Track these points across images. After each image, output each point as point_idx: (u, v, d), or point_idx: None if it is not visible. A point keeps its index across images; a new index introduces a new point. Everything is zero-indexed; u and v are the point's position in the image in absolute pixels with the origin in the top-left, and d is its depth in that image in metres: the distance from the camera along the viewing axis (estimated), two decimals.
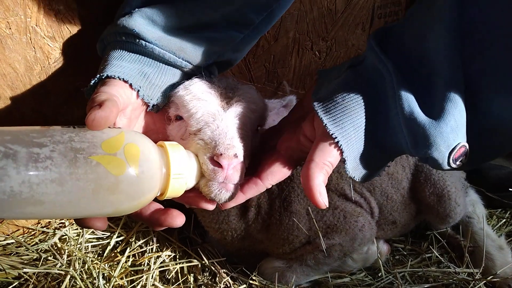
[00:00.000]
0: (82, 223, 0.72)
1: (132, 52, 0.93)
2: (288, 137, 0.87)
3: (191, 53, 0.97)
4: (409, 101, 0.70)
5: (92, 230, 1.44)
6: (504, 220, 1.75)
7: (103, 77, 0.83)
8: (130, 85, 0.84)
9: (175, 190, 0.77)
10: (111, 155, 0.65)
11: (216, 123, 0.84)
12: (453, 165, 0.71)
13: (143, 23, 0.92)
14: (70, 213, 0.66)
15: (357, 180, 0.80)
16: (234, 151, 0.79)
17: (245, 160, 0.84)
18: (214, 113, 0.86)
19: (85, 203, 0.64)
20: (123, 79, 0.83)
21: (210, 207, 0.84)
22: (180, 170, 0.76)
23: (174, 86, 0.95)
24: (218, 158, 0.78)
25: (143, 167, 0.68)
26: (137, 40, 0.91)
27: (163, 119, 0.95)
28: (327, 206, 0.74)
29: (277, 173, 0.85)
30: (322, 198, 0.74)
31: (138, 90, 0.86)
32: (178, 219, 0.78)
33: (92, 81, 0.84)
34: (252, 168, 0.88)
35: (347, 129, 0.73)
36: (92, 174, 0.63)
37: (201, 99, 0.88)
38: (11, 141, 0.59)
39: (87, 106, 0.74)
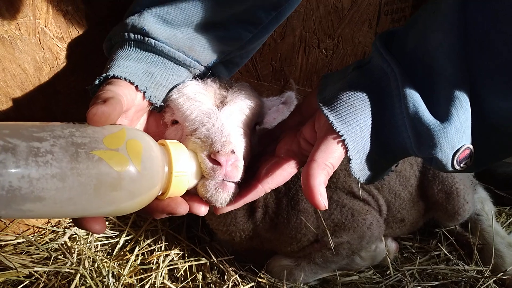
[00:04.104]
0: (80, 223, 0.69)
1: (140, 51, 0.92)
2: (288, 140, 0.87)
3: (201, 52, 0.97)
4: (414, 100, 0.69)
5: None
6: None
7: (109, 76, 0.82)
8: (136, 87, 0.83)
9: (177, 188, 0.75)
10: (113, 150, 0.64)
11: (212, 122, 0.83)
12: (457, 167, 0.70)
13: (153, 21, 0.92)
14: (70, 211, 0.63)
15: (361, 182, 0.79)
16: (231, 147, 0.79)
17: (244, 158, 0.83)
18: (209, 112, 0.86)
19: (85, 200, 0.61)
20: (129, 80, 0.82)
21: (202, 211, 0.80)
22: (182, 168, 0.74)
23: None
24: (215, 156, 0.77)
25: (146, 163, 0.66)
26: (146, 39, 0.90)
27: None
28: (327, 207, 0.73)
29: (276, 177, 0.83)
30: (322, 199, 0.72)
31: (145, 92, 0.85)
32: (181, 206, 0.75)
33: (97, 80, 0.82)
34: (251, 172, 0.87)
35: (353, 126, 0.73)
36: (94, 170, 0.61)
37: (194, 100, 0.87)
38: (10, 135, 0.57)
39: (90, 102, 0.72)
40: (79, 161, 0.60)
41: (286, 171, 0.84)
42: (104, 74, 0.83)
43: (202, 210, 0.80)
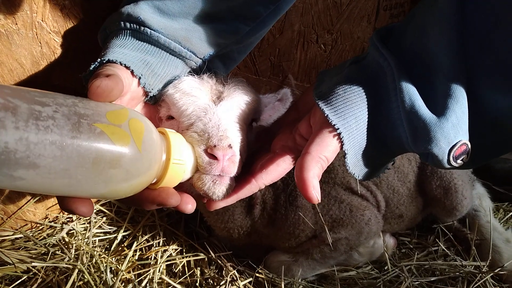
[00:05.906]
0: (66, 204, 0.65)
1: (135, 40, 0.91)
2: (284, 136, 0.86)
3: (197, 43, 0.96)
4: (410, 94, 0.69)
5: (99, 224, 1.45)
6: (511, 213, 1.75)
7: (104, 61, 0.81)
8: (132, 72, 0.82)
9: (173, 177, 0.73)
10: (116, 126, 0.62)
11: (208, 117, 0.83)
12: (454, 163, 0.70)
13: (149, 11, 0.91)
14: (62, 185, 0.59)
15: (357, 178, 0.78)
16: (228, 141, 0.78)
17: (241, 153, 0.83)
18: (205, 107, 0.85)
19: (81, 175, 0.58)
20: (125, 64, 0.81)
21: (189, 209, 0.77)
22: (181, 156, 0.73)
23: (175, 78, 0.94)
24: (212, 150, 0.77)
25: (146, 144, 0.65)
26: (142, 28, 0.90)
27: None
28: (320, 201, 0.72)
29: (271, 173, 0.83)
30: (315, 192, 0.70)
31: (140, 78, 0.83)
32: (173, 197, 0.73)
33: (92, 66, 0.80)
34: (246, 168, 0.86)
35: (349, 120, 0.72)
36: (95, 142, 0.58)
37: (191, 95, 0.87)
38: (11, 95, 0.53)
39: (89, 80, 0.69)
40: (80, 131, 0.57)
41: (281, 167, 0.83)
42: (99, 59, 0.81)
43: (189, 207, 0.77)
